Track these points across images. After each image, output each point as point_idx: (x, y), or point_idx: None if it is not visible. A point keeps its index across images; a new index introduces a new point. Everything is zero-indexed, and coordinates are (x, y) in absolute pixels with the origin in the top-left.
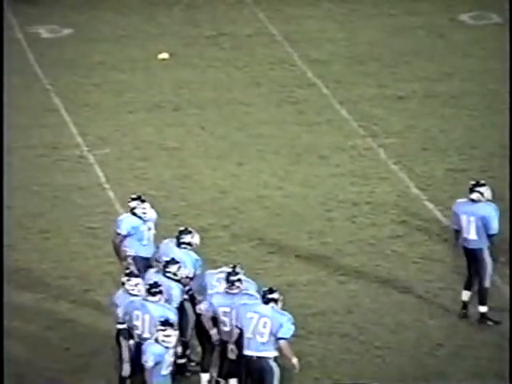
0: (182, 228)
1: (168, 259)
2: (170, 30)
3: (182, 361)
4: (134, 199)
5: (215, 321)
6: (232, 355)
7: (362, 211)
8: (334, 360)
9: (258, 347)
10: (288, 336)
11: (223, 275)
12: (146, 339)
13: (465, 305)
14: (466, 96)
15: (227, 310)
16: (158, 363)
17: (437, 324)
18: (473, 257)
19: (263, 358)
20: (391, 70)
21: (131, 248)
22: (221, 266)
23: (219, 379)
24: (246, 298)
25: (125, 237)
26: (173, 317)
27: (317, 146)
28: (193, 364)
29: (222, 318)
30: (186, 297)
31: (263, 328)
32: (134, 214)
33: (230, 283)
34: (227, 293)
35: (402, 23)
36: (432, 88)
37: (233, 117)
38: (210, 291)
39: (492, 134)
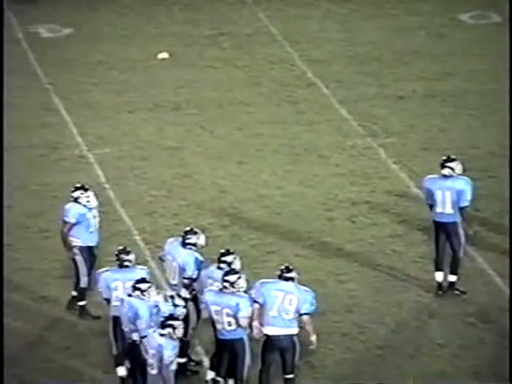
0: (187, 228)
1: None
2: (169, 30)
3: (183, 360)
4: (77, 188)
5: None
6: (259, 334)
7: (361, 211)
8: (334, 359)
9: (284, 324)
10: (311, 311)
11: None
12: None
13: (440, 286)
14: (466, 95)
15: (218, 308)
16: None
17: (437, 324)
18: (447, 230)
19: (289, 335)
20: (391, 70)
21: (78, 237)
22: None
23: (218, 378)
24: (234, 299)
25: (73, 225)
26: (143, 312)
27: (317, 146)
28: (193, 364)
29: (215, 316)
30: (188, 296)
31: (289, 305)
32: (79, 203)
33: (227, 283)
34: (221, 291)
35: (402, 23)
36: (432, 88)
37: (233, 116)
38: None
39: (492, 134)
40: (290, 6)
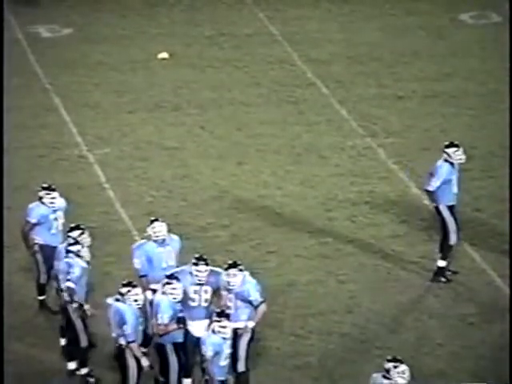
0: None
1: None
2: (170, 30)
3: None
4: (43, 188)
5: None
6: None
7: (361, 211)
8: (333, 360)
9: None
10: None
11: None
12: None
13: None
14: (466, 96)
15: None
16: (216, 353)
17: (437, 324)
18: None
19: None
20: (391, 70)
21: (39, 236)
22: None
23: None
24: None
25: (34, 225)
26: (128, 316)
27: (317, 146)
28: None
29: None
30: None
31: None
32: (43, 203)
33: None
34: None
35: (402, 23)
36: (432, 88)
37: (233, 117)
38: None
39: (492, 134)
40: (290, 6)
